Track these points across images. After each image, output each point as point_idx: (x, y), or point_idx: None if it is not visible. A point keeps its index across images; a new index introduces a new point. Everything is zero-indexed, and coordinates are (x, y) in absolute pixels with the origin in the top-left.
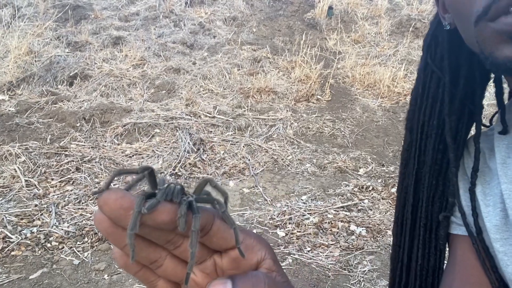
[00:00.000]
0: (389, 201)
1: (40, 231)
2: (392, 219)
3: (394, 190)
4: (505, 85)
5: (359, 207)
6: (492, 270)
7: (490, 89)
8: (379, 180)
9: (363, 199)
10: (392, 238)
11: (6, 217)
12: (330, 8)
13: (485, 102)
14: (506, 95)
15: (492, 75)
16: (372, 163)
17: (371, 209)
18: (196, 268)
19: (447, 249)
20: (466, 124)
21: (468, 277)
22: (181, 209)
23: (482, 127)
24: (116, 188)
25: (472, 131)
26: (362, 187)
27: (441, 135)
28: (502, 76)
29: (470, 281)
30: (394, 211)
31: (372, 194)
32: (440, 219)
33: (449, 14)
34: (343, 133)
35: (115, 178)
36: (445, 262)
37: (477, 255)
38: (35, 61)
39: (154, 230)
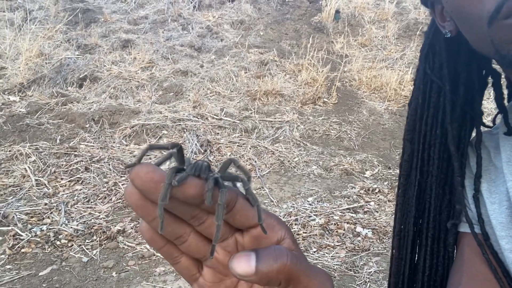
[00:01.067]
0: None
1: (50, 229)
2: None
3: None
4: (505, 91)
5: (365, 209)
6: (501, 271)
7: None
8: (386, 183)
9: (369, 201)
10: (392, 251)
11: (16, 215)
12: (337, 12)
13: (488, 104)
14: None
15: (490, 80)
16: (378, 165)
17: (377, 211)
18: (218, 246)
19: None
20: (468, 131)
21: (476, 275)
22: (209, 183)
23: (485, 128)
24: (147, 163)
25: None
26: (368, 189)
27: (445, 144)
28: (502, 80)
29: (478, 278)
30: None
31: (378, 196)
32: (448, 227)
33: (448, 22)
34: (349, 135)
35: (147, 153)
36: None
37: (485, 259)
38: (46, 63)
39: (181, 204)
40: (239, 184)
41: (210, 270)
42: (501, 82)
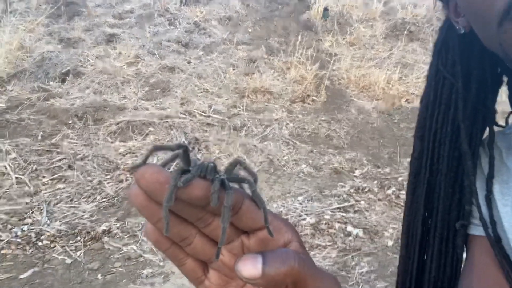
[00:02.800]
0: (385, 202)
1: (31, 229)
2: (389, 221)
3: (390, 191)
4: None
5: (356, 208)
6: (509, 267)
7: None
8: (375, 182)
9: (359, 200)
10: (400, 250)
11: None
12: (326, 10)
13: (503, 105)
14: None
15: (505, 79)
16: (367, 164)
17: (367, 210)
18: (224, 248)
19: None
20: (480, 130)
21: (487, 279)
22: (215, 185)
23: (498, 128)
24: (153, 163)
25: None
26: (358, 188)
27: (456, 142)
28: None
29: (489, 283)
30: (390, 212)
31: (368, 195)
32: (457, 227)
33: (462, 18)
34: (338, 134)
35: (151, 154)
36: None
37: (496, 263)
38: (27, 57)
39: (187, 206)
40: (245, 185)
41: (216, 272)
42: None
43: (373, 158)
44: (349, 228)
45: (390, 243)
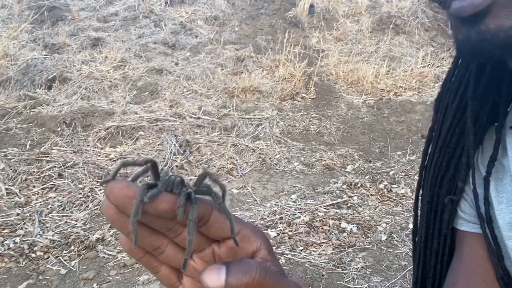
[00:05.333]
0: (378, 197)
1: (24, 241)
2: (382, 215)
3: (382, 186)
4: None
5: (349, 204)
6: (500, 264)
7: None
8: (367, 177)
9: (352, 196)
10: (412, 219)
11: None
12: (312, 6)
13: None
14: None
15: None
16: (359, 159)
17: (360, 206)
18: (196, 256)
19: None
20: (487, 113)
21: (474, 274)
22: (180, 199)
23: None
24: (122, 179)
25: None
26: (351, 184)
27: (460, 118)
28: None
29: (476, 279)
30: (383, 207)
31: (360, 190)
32: (445, 201)
33: None
34: (329, 130)
35: (121, 169)
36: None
37: (486, 246)
38: (11, 64)
39: (155, 218)
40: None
41: (190, 279)
42: None
43: (364, 153)
44: (343, 224)
45: (383, 237)
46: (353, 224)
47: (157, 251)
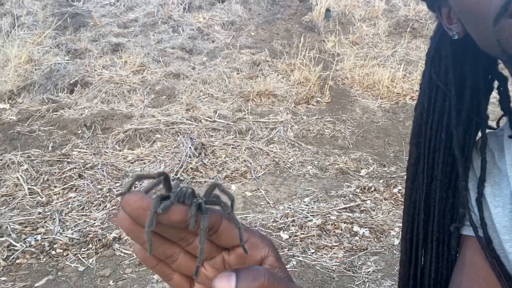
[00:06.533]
0: (391, 201)
1: (44, 238)
2: (395, 220)
3: (396, 190)
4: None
5: (362, 208)
6: (504, 276)
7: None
8: (381, 181)
9: (366, 200)
10: (400, 255)
11: (10, 226)
12: (328, 10)
13: (493, 106)
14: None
15: (496, 84)
16: (373, 163)
17: (373, 210)
18: (207, 263)
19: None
20: (473, 135)
21: (477, 279)
22: (191, 210)
23: (490, 130)
24: (137, 191)
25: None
26: (364, 188)
27: (450, 148)
28: (509, 84)
29: (479, 283)
30: (396, 211)
31: (374, 194)
32: (451, 230)
33: (456, 24)
34: (343, 134)
35: (135, 182)
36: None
37: (487, 263)
38: (35, 69)
39: (168, 228)
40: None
41: (201, 285)
42: (508, 85)
43: (378, 157)
44: (356, 228)
45: (396, 242)
46: (365, 228)
47: (170, 259)
